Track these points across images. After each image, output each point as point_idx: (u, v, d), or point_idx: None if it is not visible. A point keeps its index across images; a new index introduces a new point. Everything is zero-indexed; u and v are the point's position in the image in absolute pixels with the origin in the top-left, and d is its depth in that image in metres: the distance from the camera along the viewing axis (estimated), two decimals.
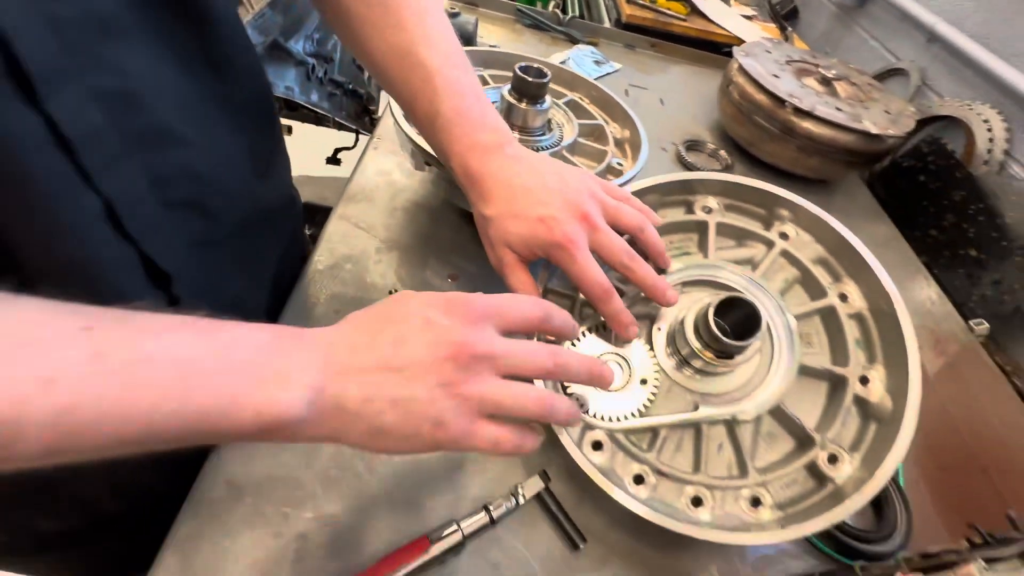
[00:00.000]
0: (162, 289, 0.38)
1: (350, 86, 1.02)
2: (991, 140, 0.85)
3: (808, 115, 0.82)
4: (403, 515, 0.42)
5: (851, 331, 0.46)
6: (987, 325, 0.75)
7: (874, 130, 0.80)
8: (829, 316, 0.48)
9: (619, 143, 0.69)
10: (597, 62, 1.11)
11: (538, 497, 0.44)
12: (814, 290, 0.48)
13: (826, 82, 0.90)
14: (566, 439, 0.41)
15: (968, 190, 0.84)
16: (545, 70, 0.59)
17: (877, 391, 0.44)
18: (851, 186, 0.98)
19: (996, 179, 0.81)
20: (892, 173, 0.99)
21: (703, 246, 0.51)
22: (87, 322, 0.23)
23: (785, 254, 0.49)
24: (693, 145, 0.94)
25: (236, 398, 0.26)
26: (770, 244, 0.50)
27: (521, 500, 0.43)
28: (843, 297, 0.47)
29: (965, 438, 0.63)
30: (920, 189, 0.92)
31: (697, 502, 0.43)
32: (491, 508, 0.42)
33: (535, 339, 0.42)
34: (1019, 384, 0.71)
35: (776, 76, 0.88)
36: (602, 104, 0.73)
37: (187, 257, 0.39)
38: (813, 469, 0.43)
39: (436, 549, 0.39)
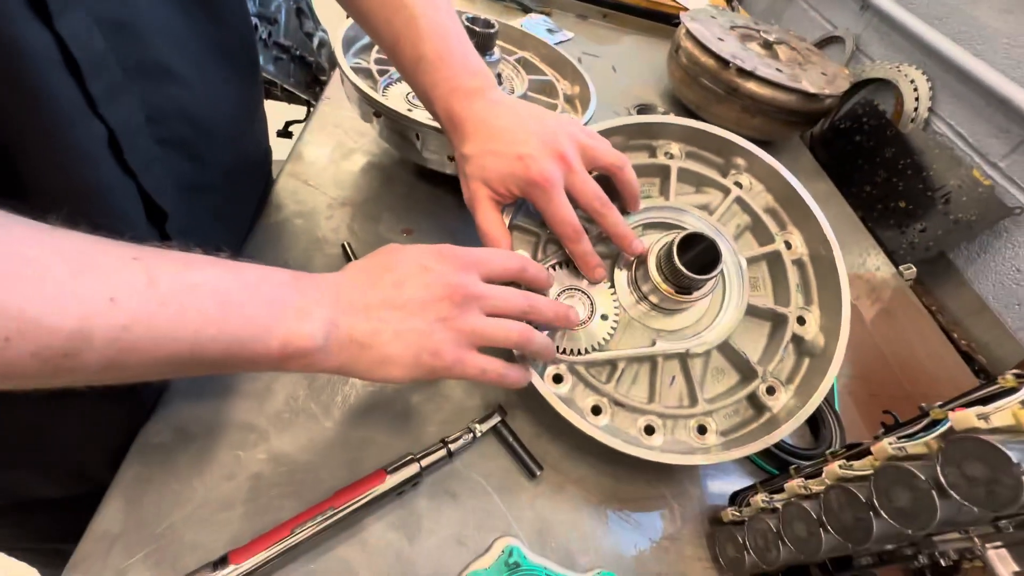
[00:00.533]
0: (157, 227, 0.38)
1: (297, 52, 0.99)
2: (917, 99, 0.90)
3: (751, 75, 0.85)
4: (360, 454, 0.42)
5: (793, 276, 0.49)
6: (915, 269, 0.80)
7: (811, 89, 0.84)
8: (775, 261, 0.50)
9: (569, 99, 0.70)
10: (550, 30, 1.11)
11: (495, 431, 0.45)
12: (763, 236, 0.51)
13: (767, 46, 0.93)
14: (532, 373, 0.42)
15: (898, 147, 0.90)
16: (493, 20, 0.59)
17: (812, 330, 0.47)
18: (793, 148, 1.03)
19: (921, 135, 0.87)
20: (831, 136, 1.04)
21: (664, 190, 0.52)
22: (134, 253, 0.26)
23: (739, 201, 0.51)
24: (644, 109, 0.96)
25: (266, 328, 0.29)
26: (726, 191, 0.51)
27: (478, 434, 0.44)
28: (788, 244, 0.50)
29: (894, 370, 0.68)
30: (856, 149, 0.97)
31: (650, 430, 0.45)
32: (448, 442, 0.43)
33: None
34: (942, 321, 0.77)
35: (721, 40, 0.91)
36: (552, 62, 0.74)
37: (176, 199, 0.39)
38: (753, 399, 0.46)
39: (392, 480, 0.39)
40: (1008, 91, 0.75)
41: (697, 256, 0.43)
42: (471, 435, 0.44)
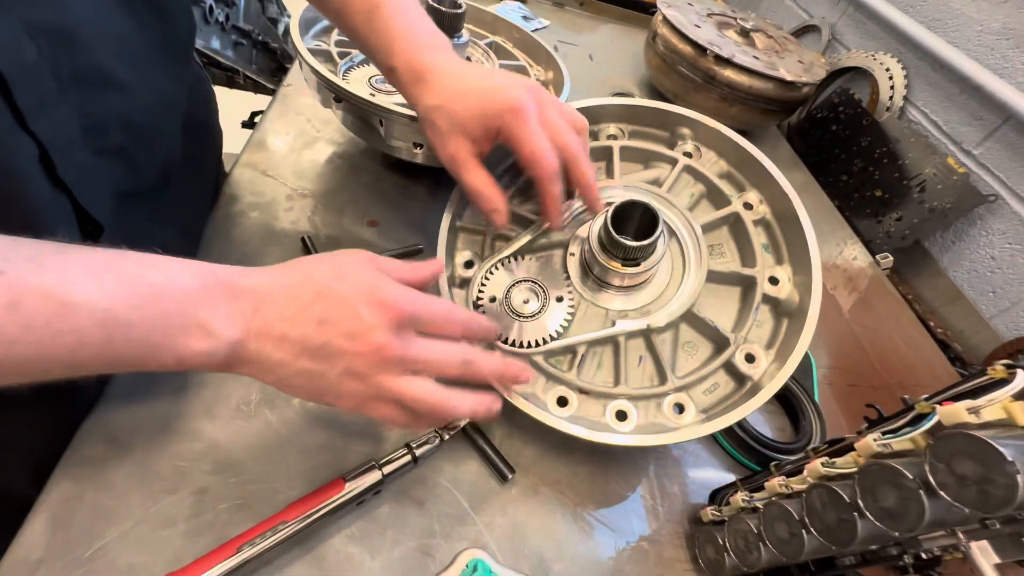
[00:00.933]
0: (93, 241, 0.36)
1: (260, 37, 0.94)
2: (892, 87, 0.90)
3: (728, 63, 0.83)
4: (318, 462, 0.39)
5: (758, 237, 0.47)
6: (891, 258, 0.80)
7: (788, 77, 0.83)
8: (736, 224, 0.48)
9: (543, 85, 0.67)
10: (525, 18, 1.09)
11: (464, 433, 0.43)
12: (720, 202, 0.50)
13: (744, 33, 0.92)
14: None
15: (874, 136, 0.89)
16: (460, 1, 0.56)
17: (785, 288, 0.45)
18: (771, 138, 1.02)
19: (897, 124, 0.87)
20: (807, 125, 1.04)
21: (611, 172, 0.51)
22: None
23: (690, 170, 0.50)
24: (620, 96, 0.94)
25: (158, 347, 0.26)
26: (674, 162, 0.50)
27: (445, 436, 0.41)
28: (747, 206, 0.49)
29: (873, 360, 0.67)
30: (833, 138, 0.97)
31: (621, 416, 0.42)
32: (413, 446, 0.40)
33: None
34: (919, 310, 0.77)
35: (698, 27, 0.89)
36: (525, 47, 0.71)
37: (115, 207, 0.37)
38: (731, 370, 0.43)
39: (352, 488, 0.36)
40: (981, 78, 0.75)
41: (637, 224, 0.42)
42: (438, 438, 0.41)
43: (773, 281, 0.45)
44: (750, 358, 0.43)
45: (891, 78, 0.91)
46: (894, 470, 0.26)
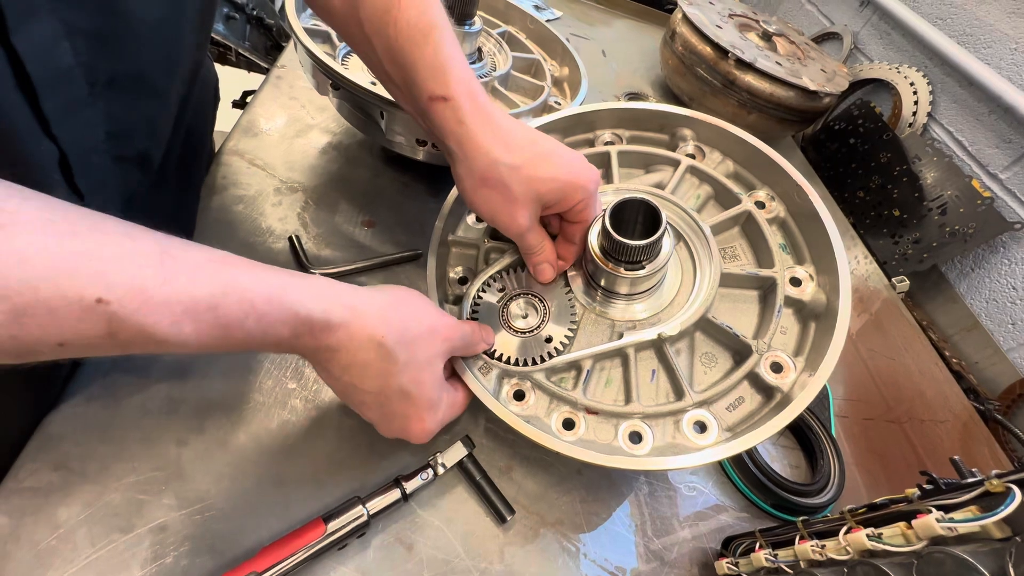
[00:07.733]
0: None
1: (254, 11, 0.88)
2: (916, 103, 0.87)
3: (750, 67, 0.79)
4: (295, 497, 0.35)
5: (774, 236, 0.43)
6: (908, 282, 0.77)
7: (812, 86, 0.79)
8: (748, 224, 0.45)
9: (557, 82, 0.63)
10: (537, 7, 1.03)
11: (460, 466, 0.39)
12: (728, 202, 0.46)
13: (767, 37, 0.88)
14: (483, 392, 0.36)
15: (894, 152, 0.86)
16: None
17: (809, 289, 0.41)
18: (786, 149, 0.99)
19: (918, 141, 0.83)
20: (824, 137, 1.00)
21: (609, 178, 0.48)
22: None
23: (694, 171, 0.47)
24: (634, 98, 0.90)
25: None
26: (677, 164, 0.47)
27: (440, 470, 0.37)
28: (759, 204, 0.45)
29: (890, 389, 0.64)
30: (851, 152, 0.94)
31: (636, 437, 0.38)
32: (403, 481, 0.36)
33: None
34: (933, 337, 0.74)
35: (719, 27, 0.85)
36: (540, 39, 0.66)
37: (123, 209, 0.35)
38: (757, 381, 0.39)
39: (333, 530, 0.32)
40: (1013, 98, 0.71)
41: (640, 225, 0.39)
42: (431, 472, 0.37)
43: (795, 282, 0.41)
44: (776, 368, 0.39)
45: (915, 93, 0.87)
46: (966, 564, 0.22)
